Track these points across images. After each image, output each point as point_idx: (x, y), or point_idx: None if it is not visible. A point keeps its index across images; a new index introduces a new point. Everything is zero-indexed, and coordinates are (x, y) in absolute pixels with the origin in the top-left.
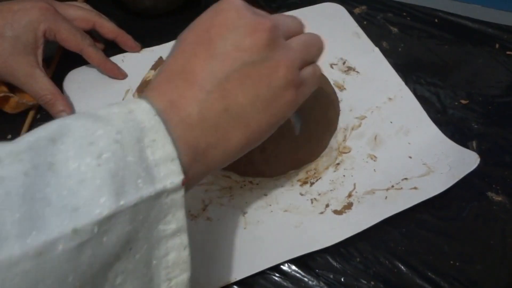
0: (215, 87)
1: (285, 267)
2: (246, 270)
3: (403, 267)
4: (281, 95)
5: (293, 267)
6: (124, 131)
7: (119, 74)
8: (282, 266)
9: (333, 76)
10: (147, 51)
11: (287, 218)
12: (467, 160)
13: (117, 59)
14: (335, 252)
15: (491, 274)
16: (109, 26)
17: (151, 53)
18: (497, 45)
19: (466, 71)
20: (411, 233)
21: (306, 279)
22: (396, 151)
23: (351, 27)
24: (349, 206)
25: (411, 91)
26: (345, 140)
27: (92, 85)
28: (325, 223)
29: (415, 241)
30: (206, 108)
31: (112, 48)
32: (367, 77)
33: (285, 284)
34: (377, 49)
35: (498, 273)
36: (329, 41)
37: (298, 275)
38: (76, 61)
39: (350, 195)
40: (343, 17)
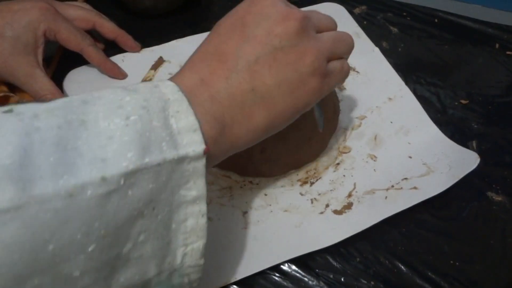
0: (244, 68)
1: (285, 267)
2: (246, 270)
3: (403, 267)
4: (306, 82)
5: (293, 267)
6: (150, 100)
7: (119, 74)
8: (282, 266)
9: None
10: (147, 51)
11: (287, 218)
12: (467, 160)
13: (117, 59)
14: (335, 252)
15: (491, 274)
16: (109, 26)
17: (151, 53)
18: (497, 45)
19: (466, 71)
20: (411, 233)
21: (306, 279)
22: (396, 151)
23: (351, 27)
24: (349, 206)
25: (411, 91)
26: (345, 140)
27: (92, 85)
28: (325, 223)
29: (415, 241)
30: (234, 86)
31: (112, 48)
32: (367, 77)
33: (285, 284)
34: (377, 49)
35: (498, 273)
36: None
37: (298, 275)
38: (76, 61)
39: (350, 195)
40: (343, 17)
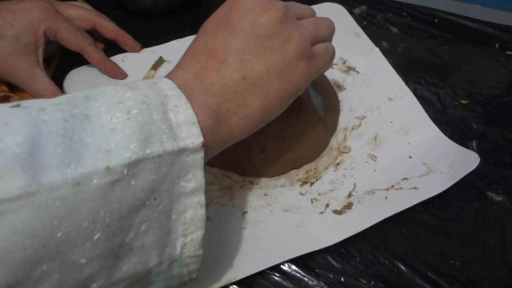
0: (233, 59)
1: (285, 267)
2: (246, 270)
3: (403, 267)
4: (294, 65)
5: (293, 267)
6: (149, 95)
7: (119, 74)
8: (282, 266)
9: (333, 76)
10: (147, 51)
11: (287, 218)
12: (467, 160)
13: (117, 59)
14: (335, 252)
15: (491, 274)
16: (109, 26)
17: (151, 53)
18: (497, 45)
19: (466, 71)
20: (411, 233)
21: (306, 279)
22: (396, 151)
23: (351, 27)
24: (349, 206)
25: (411, 91)
26: (345, 140)
27: (92, 85)
28: (325, 223)
29: (415, 241)
30: (225, 77)
31: (112, 48)
32: (367, 77)
33: (285, 284)
34: (377, 49)
35: (498, 273)
36: None
37: (298, 275)
38: (76, 61)
39: (350, 195)
40: (343, 17)
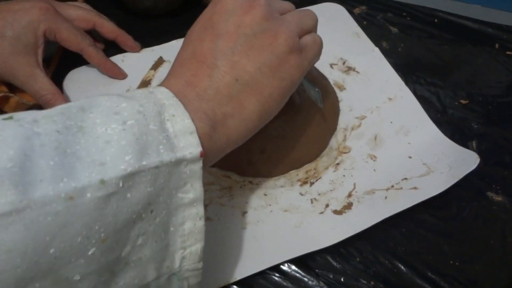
0: (223, 62)
1: (285, 267)
2: (246, 270)
3: (403, 267)
4: (285, 60)
5: (293, 267)
6: (146, 105)
7: (119, 74)
8: (282, 266)
9: (333, 76)
10: (147, 51)
11: (287, 218)
12: (467, 160)
13: (117, 59)
14: (335, 252)
15: (491, 274)
16: (109, 26)
17: (151, 53)
18: (497, 45)
19: (466, 71)
20: (411, 233)
21: (306, 279)
22: (396, 151)
23: (351, 27)
24: (349, 206)
25: (411, 91)
26: (345, 140)
27: (92, 85)
28: (325, 223)
29: (415, 241)
30: (218, 81)
31: (112, 48)
32: (367, 77)
33: (285, 284)
34: (377, 49)
35: (498, 273)
36: (329, 41)
37: (298, 275)
38: (76, 61)
39: (350, 195)
40: (343, 17)
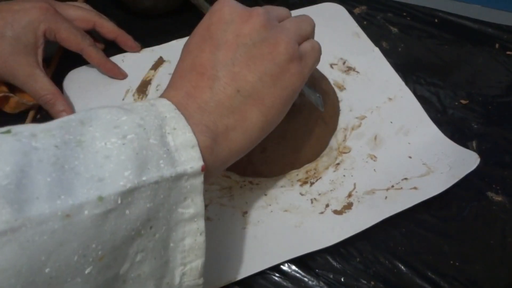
0: (224, 73)
1: (285, 267)
2: (246, 270)
3: (403, 267)
4: (286, 68)
5: (293, 267)
6: (146, 118)
7: (119, 74)
8: (282, 266)
9: (333, 76)
10: (147, 51)
11: (287, 218)
12: (467, 160)
13: (117, 59)
14: (335, 252)
15: (491, 274)
16: (109, 26)
17: (151, 53)
18: (497, 45)
19: (466, 71)
20: (411, 233)
21: (306, 279)
22: (396, 151)
23: (351, 27)
24: (349, 206)
25: (411, 91)
26: (345, 140)
27: (92, 85)
28: (325, 223)
29: (415, 241)
30: (219, 93)
31: (112, 48)
32: (367, 77)
33: (285, 284)
34: (377, 49)
35: (498, 273)
36: (329, 41)
37: (298, 275)
38: (76, 61)
39: (350, 195)
40: (343, 17)
